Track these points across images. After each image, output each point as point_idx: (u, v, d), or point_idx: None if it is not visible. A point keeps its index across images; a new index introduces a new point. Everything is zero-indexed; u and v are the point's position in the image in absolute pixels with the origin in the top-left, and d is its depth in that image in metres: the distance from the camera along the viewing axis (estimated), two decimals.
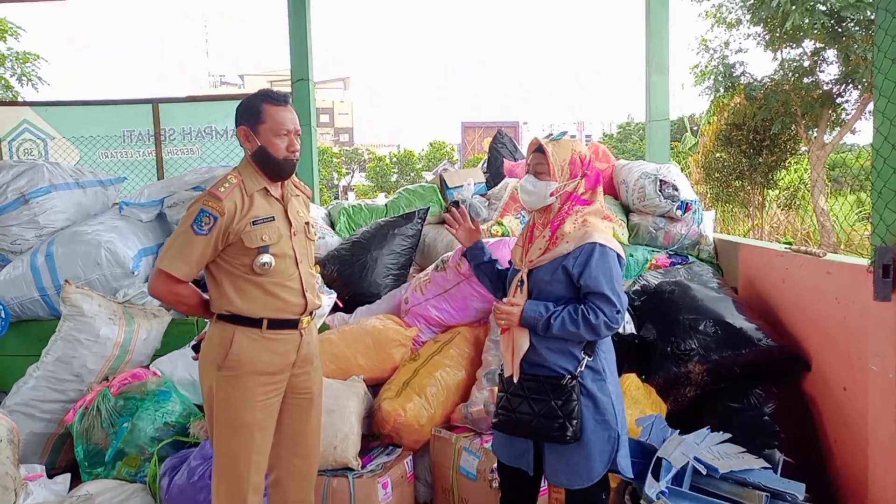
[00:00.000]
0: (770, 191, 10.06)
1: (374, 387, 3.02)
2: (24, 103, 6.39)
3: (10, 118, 5.31)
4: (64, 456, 3.13)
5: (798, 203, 9.90)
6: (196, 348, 2.13)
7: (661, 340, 2.94)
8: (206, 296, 2.09)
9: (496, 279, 2.23)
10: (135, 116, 5.37)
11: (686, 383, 2.85)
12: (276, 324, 2.01)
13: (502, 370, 2.05)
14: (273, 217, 2.02)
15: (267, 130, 1.99)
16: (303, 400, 2.13)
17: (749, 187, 9.71)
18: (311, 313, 2.13)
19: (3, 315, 3.37)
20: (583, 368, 1.92)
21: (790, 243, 9.00)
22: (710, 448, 2.37)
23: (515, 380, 1.96)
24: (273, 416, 2.06)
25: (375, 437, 2.80)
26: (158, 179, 5.25)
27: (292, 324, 2.05)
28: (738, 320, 2.89)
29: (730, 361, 2.79)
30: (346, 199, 34.22)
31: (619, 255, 1.95)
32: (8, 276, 3.60)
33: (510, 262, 2.18)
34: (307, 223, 2.16)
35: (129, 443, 2.69)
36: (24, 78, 9.57)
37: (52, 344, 3.13)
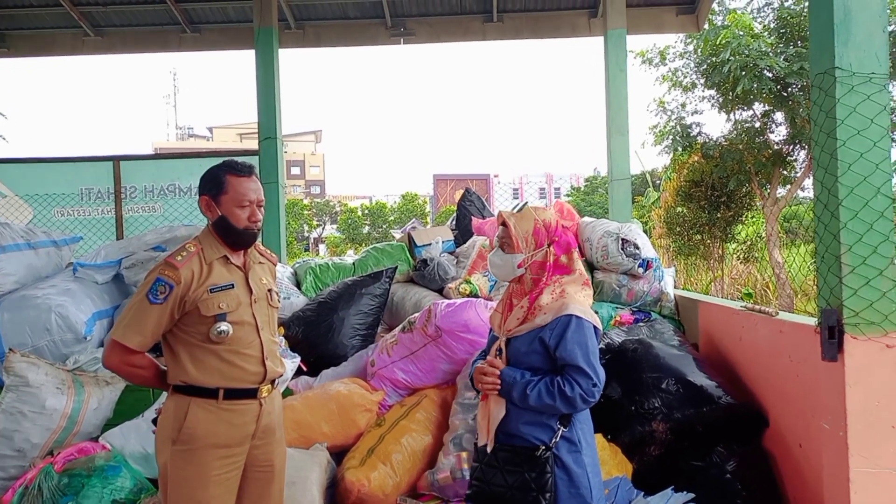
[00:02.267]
0: (729, 244, 10.39)
1: (338, 454, 2.93)
2: None
3: None
4: None
5: (757, 255, 10.23)
6: (155, 421, 2.06)
7: (626, 399, 2.96)
8: (163, 367, 2.04)
9: None
10: (94, 174, 5.33)
11: (651, 442, 2.85)
12: (233, 393, 1.96)
13: (477, 440, 2.01)
14: (232, 284, 2.01)
15: (229, 201, 2.01)
16: (263, 473, 2.05)
17: (709, 241, 10.01)
18: (272, 382, 2.08)
19: None
20: (557, 439, 1.89)
21: (751, 294, 9.21)
22: None
23: (489, 449, 1.94)
24: (232, 492, 1.97)
25: None
26: (118, 238, 5.17)
27: (251, 393, 1.99)
28: (699, 378, 2.93)
29: (692, 419, 2.81)
30: (318, 250, 34.03)
31: (595, 328, 1.94)
32: None
33: (490, 329, 2.16)
34: (270, 290, 2.14)
35: None
36: None
37: None
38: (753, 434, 2.84)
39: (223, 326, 1.94)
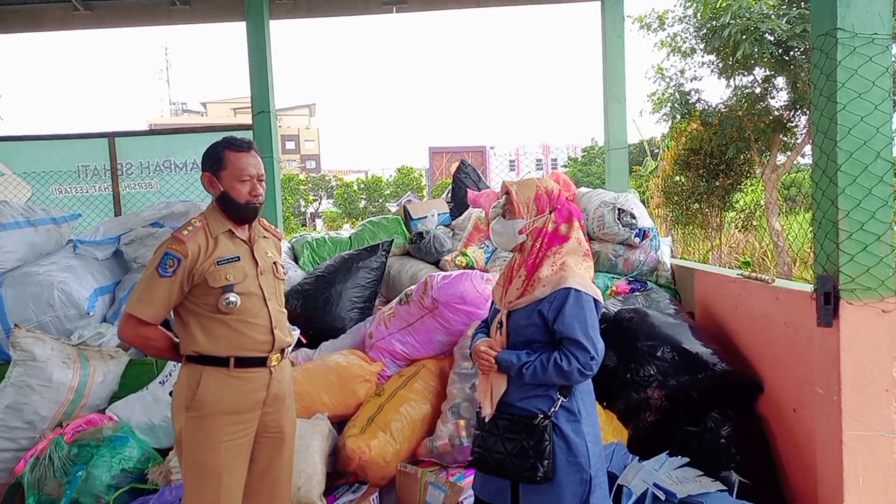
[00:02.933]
0: (727, 213, 10.38)
1: (339, 423, 2.99)
2: None
3: None
4: None
5: (755, 224, 10.23)
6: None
7: (622, 367, 3.00)
8: (175, 338, 2.12)
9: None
10: (90, 151, 5.29)
11: (646, 409, 2.90)
12: (244, 362, 2.03)
13: (480, 409, 2.05)
14: (238, 257, 2.07)
15: (229, 176, 2.06)
16: (273, 439, 2.13)
17: (707, 210, 9.99)
18: (281, 351, 2.14)
19: None
20: (556, 409, 1.90)
21: (748, 263, 9.19)
22: (668, 473, 2.42)
23: (487, 419, 1.98)
24: (243, 458, 2.05)
25: (341, 474, 2.76)
26: (115, 215, 5.16)
27: (260, 361, 2.06)
28: (695, 346, 2.97)
29: (687, 386, 2.85)
30: (314, 225, 33.98)
31: (595, 300, 1.94)
32: None
33: (492, 301, 2.18)
34: (275, 263, 2.20)
35: (83, 492, 2.59)
36: None
37: (1, 390, 3.01)
38: (748, 400, 2.89)
39: (231, 297, 2.00)
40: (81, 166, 5.33)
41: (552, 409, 1.90)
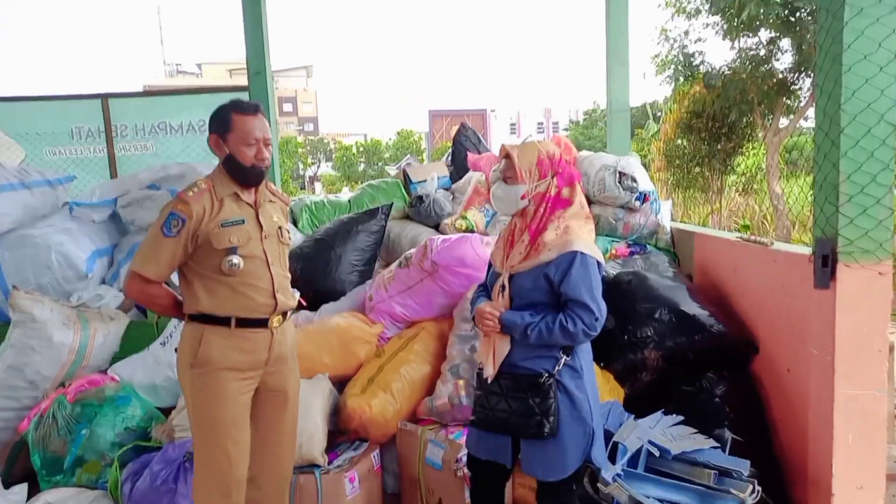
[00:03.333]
0: (728, 176, 10.34)
1: (340, 383, 3.03)
2: None
3: None
4: (21, 465, 3.05)
5: (756, 187, 10.19)
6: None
7: (619, 329, 3.02)
8: (179, 297, 2.15)
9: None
10: (83, 112, 5.20)
11: (643, 369, 2.94)
12: (245, 322, 2.06)
13: (480, 369, 2.07)
14: (243, 220, 2.08)
15: (235, 139, 2.05)
16: (276, 397, 2.18)
17: (708, 173, 9.95)
18: (283, 314, 2.16)
19: None
20: (560, 367, 1.95)
21: (748, 226, 9.24)
22: (663, 431, 2.47)
23: (490, 380, 2.00)
24: (246, 411, 2.10)
25: (342, 433, 2.82)
26: (112, 178, 5.10)
27: (261, 323, 2.09)
28: (692, 308, 2.99)
29: (683, 347, 2.89)
30: (313, 189, 33.82)
31: (599, 263, 1.97)
32: None
33: (490, 265, 2.20)
34: (280, 228, 2.20)
35: (88, 449, 2.64)
36: None
37: (1, 351, 3.04)
38: (743, 361, 2.93)
39: (235, 259, 2.02)
40: (75, 128, 5.25)
41: (556, 368, 1.94)
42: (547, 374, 1.93)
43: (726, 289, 3.22)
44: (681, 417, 2.53)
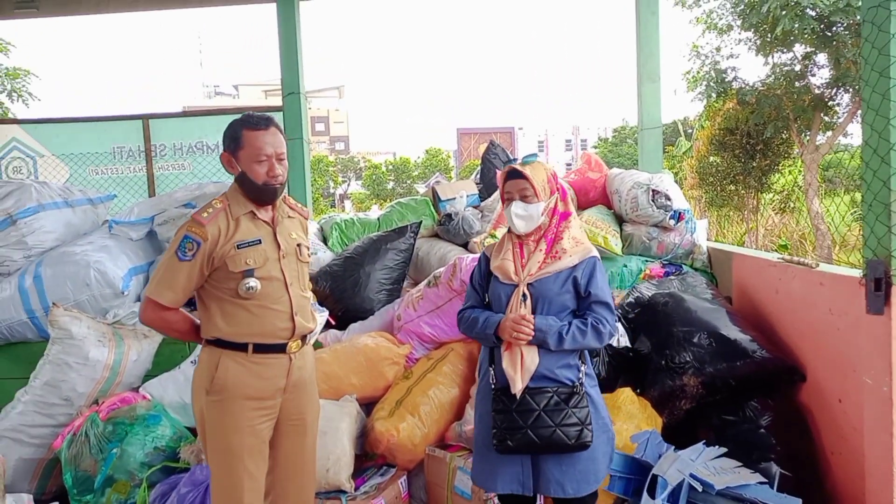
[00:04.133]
0: (764, 194, 10.08)
1: (367, 405, 2.99)
2: (13, 121, 6.36)
3: None
4: (53, 482, 3.09)
5: (792, 206, 9.91)
6: None
7: (656, 353, 2.92)
8: (197, 320, 2.09)
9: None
10: (124, 132, 5.35)
11: (681, 396, 2.82)
12: (262, 348, 1.99)
13: (497, 390, 2.01)
14: (259, 240, 2.00)
15: (246, 157, 1.97)
16: (295, 426, 2.10)
17: (743, 191, 9.71)
18: (302, 338, 2.09)
19: None
20: (583, 376, 2.02)
21: (786, 246, 8.92)
22: (705, 464, 2.35)
23: (518, 395, 1.95)
24: (264, 441, 2.03)
25: (370, 456, 2.77)
26: (150, 196, 5.23)
27: (279, 348, 2.02)
28: (733, 332, 2.87)
29: (724, 374, 2.77)
30: (343, 207, 34.22)
31: None
32: None
33: (476, 281, 2.19)
34: (299, 245, 2.12)
35: (118, 469, 2.65)
36: (14, 94, 9.55)
37: (40, 367, 3.09)
38: (788, 389, 2.79)
39: (251, 282, 1.95)
40: (117, 147, 5.41)
41: (581, 376, 2.00)
42: (578, 383, 1.99)
43: (767, 312, 3.09)
44: (724, 449, 2.41)
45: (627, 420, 2.68)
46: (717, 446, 2.46)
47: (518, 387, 1.95)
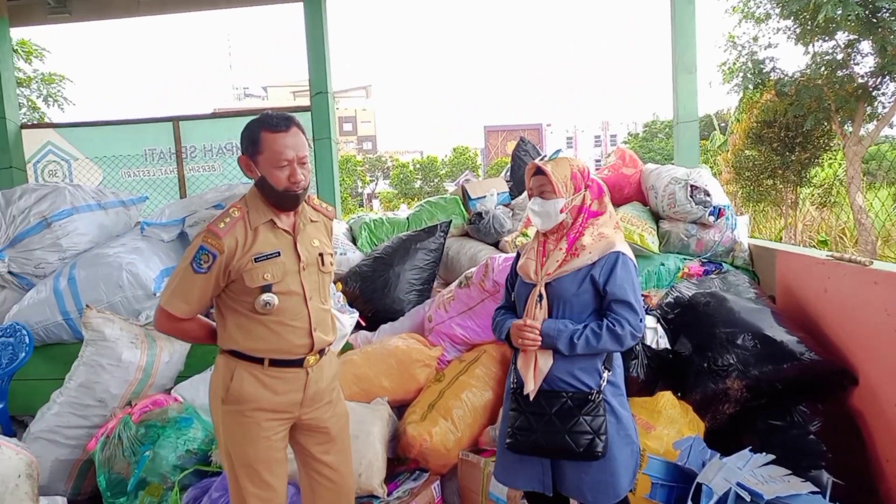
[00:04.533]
0: (803, 188, 9.75)
1: (398, 408, 2.94)
2: (48, 125, 6.51)
3: (34, 140, 5.40)
4: (89, 483, 3.11)
5: (833, 200, 9.56)
6: None
7: (697, 355, 2.80)
8: (214, 323, 2.04)
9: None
10: (156, 135, 5.42)
11: (724, 400, 2.70)
12: (279, 363, 1.92)
13: (514, 387, 2.00)
14: (279, 252, 1.89)
15: (265, 161, 1.85)
16: (318, 435, 2.04)
17: (781, 186, 9.41)
18: (320, 352, 2.00)
19: (27, 340, 3.38)
20: (605, 383, 1.92)
21: (826, 242, 8.60)
22: (752, 471, 2.23)
23: (532, 397, 1.92)
24: (281, 450, 1.98)
25: (401, 460, 2.72)
26: (181, 197, 5.28)
27: (297, 363, 1.94)
28: (779, 333, 2.74)
29: (770, 377, 2.64)
30: (371, 206, 34.41)
31: (634, 264, 1.99)
32: (31, 300, 3.61)
33: (509, 280, 2.17)
34: (321, 255, 2.00)
35: (151, 471, 2.65)
36: (49, 99, 9.80)
37: (74, 369, 3.12)
38: (838, 393, 2.65)
39: (268, 298, 1.86)
40: (148, 150, 5.48)
41: (601, 383, 1.91)
42: (596, 391, 1.89)
43: (815, 312, 2.94)
44: (772, 456, 2.28)
45: (668, 425, 2.57)
46: (763, 453, 2.34)
47: (530, 388, 1.93)
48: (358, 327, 3.49)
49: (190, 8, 6.56)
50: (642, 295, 2.23)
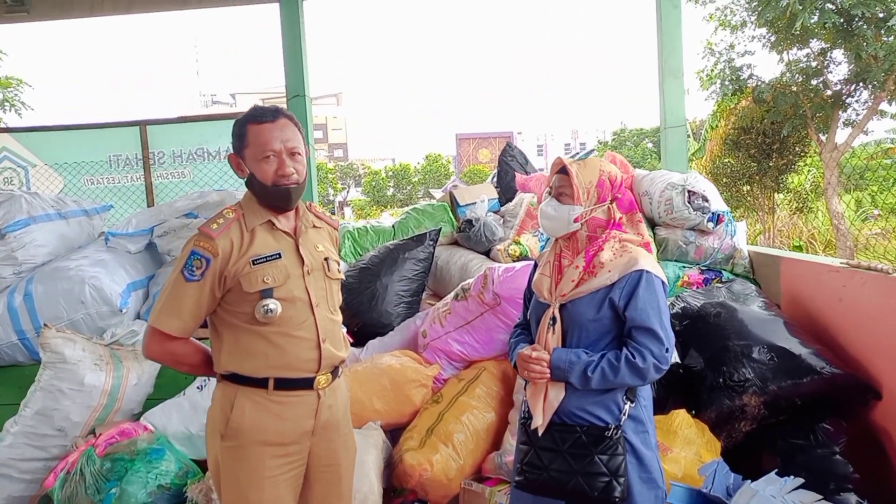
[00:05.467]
0: (779, 194, 9.84)
1: (391, 431, 2.72)
2: (2, 130, 6.10)
3: None
4: None
5: (808, 206, 9.67)
6: None
7: (711, 370, 2.65)
8: (210, 350, 1.80)
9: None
10: (121, 140, 5.09)
11: (741, 417, 2.55)
12: (285, 384, 1.68)
13: (525, 418, 1.80)
14: (279, 254, 1.70)
15: (251, 156, 1.69)
16: (327, 473, 1.79)
17: (758, 192, 9.47)
18: (332, 370, 1.77)
19: None
20: (625, 417, 1.69)
21: (800, 246, 8.63)
22: (783, 497, 2.07)
23: (541, 433, 1.72)
24: (292, 493, 1.73)
25: (397, 491, 2.49)
26: (148, 206, 4.96)
27: (305, 383, 1.71)
28: (795, 345, 2.60)
29: (789, 392, 2.50)
30: (343, 214, 33.97)
31: (664, 284, 1.74)
32: None
33: (526, 293, 1.95)
34: (327, 259, 1.81)
35: None
36: (6, 104, 9.29)
37: (30, 395, 2.82)
38: (859, 408, 2.52)
39: (270, 304, 1.64)
40: (113, 156, 5.14)
41: (621, 418, 1.68)
42: (614, 426, 1.68)
43: (828, 323, 2.82)
44: (800, 480, 2.13)
45: (685, 446, 2.41)
46: (791, 476, 2.19)
47: (538, 422, 1.71)
48: None
49: (158, 7, 6.25)
50: None
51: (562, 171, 1.81)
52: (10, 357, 3.31)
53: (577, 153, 3.21)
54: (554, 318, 1.74)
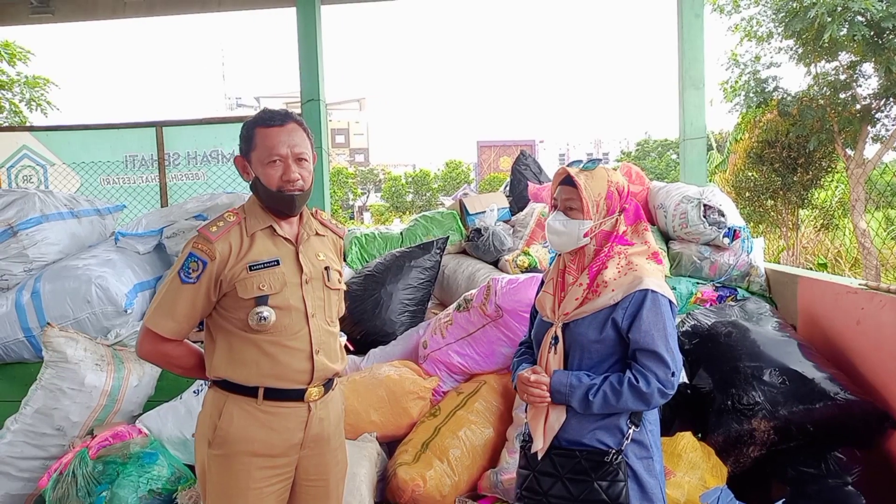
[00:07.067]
0: (803, 210, 9.59)
1: (387, 443, 2.67)
2: (23, 128, 6.22)
3: (9, 144, 5.12)
4: None
5: (835, 224, 9.40)
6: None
7: (719, 392, 2.55)
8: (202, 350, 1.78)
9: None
10: (138, 141, 5.15)
11: (749, 443, 2.44)
12: (275, 394, 1.65)
13: (525, 441, 1.74)
14: (277, 261, 1.67)
15: (257, 159, 1.67)
16: (315, 486, 1.75)
17: (782, 207, 9.24)
18: (324, 383, 1.74)
19: None
20: (627, 442, 1.62)
21: (825, 264, 8.39)
22: None
23: (540, 456, 1.65)
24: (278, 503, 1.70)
25: None
26: (162, 206, 5.00)
27: (296, 395, 1.67)
28: (809, 369, 2.50)
29: (801, 418, 2.39)
30: (362, 219, 34.13)
31: (671, 303, 1.65)
32: None
33: (533, 311, 1.87)
34: (328, 269, 1.77)
35: None
36: (33, 103, 9.48)
37: (31, 394, 2.82)
38: (876, 437, 2.40)
39: (264, 312, 1.62)
40: (130, 156, 5.21)
41: (624, 443, 1.60)
42: (614, 451, 1.60)
43: (845, 346, 2.71)
44: None
45: (690, 471, 2.31)
46: None
47: (538, 446, 1.65)
48: (346, 352, 3.21)
49: (178, 10, 6.33)
50: None
51: (566, 181, 1.72)
52: (16, 354, 3.33)
53: (577, 160, 3.03)
54: (556, 338, 1.68)
